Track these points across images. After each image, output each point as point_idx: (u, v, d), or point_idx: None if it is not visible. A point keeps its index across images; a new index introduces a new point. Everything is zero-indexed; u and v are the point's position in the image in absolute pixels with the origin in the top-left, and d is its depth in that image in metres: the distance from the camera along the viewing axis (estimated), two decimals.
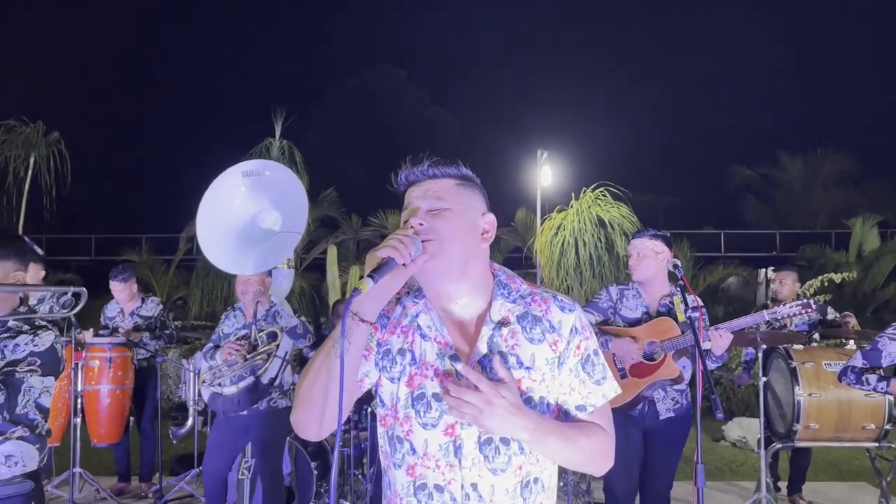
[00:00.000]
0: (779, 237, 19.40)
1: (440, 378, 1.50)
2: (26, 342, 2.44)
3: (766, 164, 22.19)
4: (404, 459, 1.53)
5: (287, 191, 4.38)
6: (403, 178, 1.59)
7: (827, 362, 4.71)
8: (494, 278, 1.59)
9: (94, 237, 19.97)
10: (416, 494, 1.51)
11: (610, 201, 8.47)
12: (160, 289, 12.42)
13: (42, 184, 10.39)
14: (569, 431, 1.49)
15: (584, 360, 1.55)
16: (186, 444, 6.29)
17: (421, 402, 1.51)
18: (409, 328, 1.57)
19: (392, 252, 1.41)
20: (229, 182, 4.30)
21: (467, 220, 1.54)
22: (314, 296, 10.29)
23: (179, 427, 5.70)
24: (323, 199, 11.70)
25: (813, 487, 5.80)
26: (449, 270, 1.50)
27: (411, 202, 1.56)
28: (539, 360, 1.51)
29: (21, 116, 10.19)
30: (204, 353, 4.36)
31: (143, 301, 5.81)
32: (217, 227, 4.28)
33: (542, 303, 1.56)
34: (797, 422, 4.63)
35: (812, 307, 3.62)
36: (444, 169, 1.58)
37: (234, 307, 4.47)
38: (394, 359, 1.56)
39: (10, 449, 2.37)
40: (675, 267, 3.27)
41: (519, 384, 1.48)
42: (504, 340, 1.51)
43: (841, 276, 9.92)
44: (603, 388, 1.56)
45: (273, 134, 9.83)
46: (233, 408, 4.09)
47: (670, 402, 3.64)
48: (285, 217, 4.39)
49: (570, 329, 1.53)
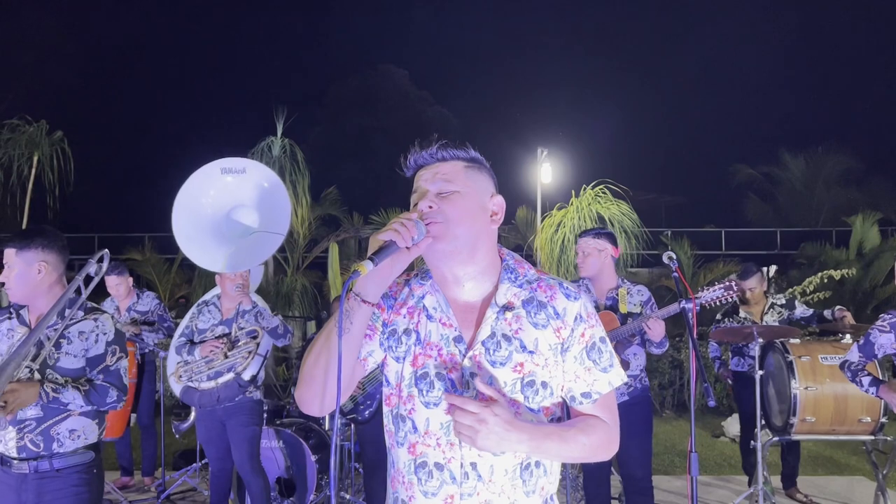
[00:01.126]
0: (780, 235, 19.40)
1: (443, 358, 1.53)
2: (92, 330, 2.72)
3: (769, 163, 22.20)
4: (406, 437, 1.55)
5: (266, 191, 4.36)
6: (412, 161, 1.61)
7: (823, 356, 4.74)
8: (502, 262, 1.61)
9: (97, 236, 20.01)
10: (417, 472, 1.53)
11: (610, 198, 8.50)
12: (163, 287, 12.46)
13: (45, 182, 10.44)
14: (567, 433, 1.51)
15: (590, 347, 1.57)
16: (189, 438, 6.34)
17: (424, 381, 1.54)
18: (415, 309, 1.60)
19: (394, 235, 1.42)
20: (205, 177, 4.30)
21: (476, 202, 1.56)
22: (316, 294, 10.32)
23: (182, 422, 5.75)
24: (325, 198, 11.71)
25: (811, 481, 5.84)
26: (457, 252, 1.52)
27: (420, 185, 1.58)
28: (542, 344, 1.53)
29: (24, 115, 10.24)
30: (177, 349, 4.36)
31: (138, 297, 5.81)
32: (192, 221, 4.27)
33: (548, 289, 1.58)
34: (794, 415, 4.66)
35: (734, 288, 3.65)
36: (452, 151, 1.59)
37: (206, 302, 4.44)
38: (399, 339, 1.59)
39: (73, 424, 2.65)
40: (670, 259, 3.31)
41: (521, 367, 1.51)
42: (508, 324, 1.53)
43: (840, 273, 9.93)
44: (609, 375, 1.59)
45: (275, 132, 9.87)
46: (211, 402, 4.15)
47: (623, 387, 3.73)
48: (265, 216, 4.38)
49: (575, 317, 1.56)
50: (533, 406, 1.52)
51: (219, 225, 4.29)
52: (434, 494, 1.51)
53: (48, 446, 2.61)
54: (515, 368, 1.51)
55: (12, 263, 2.71)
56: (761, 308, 5.42)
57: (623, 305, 3.78)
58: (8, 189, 10.34)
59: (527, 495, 1.52)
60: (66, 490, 2.60)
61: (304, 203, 9.88)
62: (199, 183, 4.27)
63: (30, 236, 2.73)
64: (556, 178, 11.66)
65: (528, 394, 1.52)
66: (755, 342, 4.63)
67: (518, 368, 1.51)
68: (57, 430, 2.62)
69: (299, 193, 9.65)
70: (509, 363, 1.51)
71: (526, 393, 1.52)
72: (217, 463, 4.37)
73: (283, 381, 8.57)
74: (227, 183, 4.28)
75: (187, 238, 4.24)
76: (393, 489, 1.61)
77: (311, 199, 10.32)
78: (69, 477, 2.62)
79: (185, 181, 4.32)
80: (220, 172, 4.28)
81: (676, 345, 9.22)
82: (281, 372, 9.29)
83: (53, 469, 2.60)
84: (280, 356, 9.49)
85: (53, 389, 2.59)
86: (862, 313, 10.37)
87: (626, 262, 8.60)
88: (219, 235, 4.27)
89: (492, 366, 1.51)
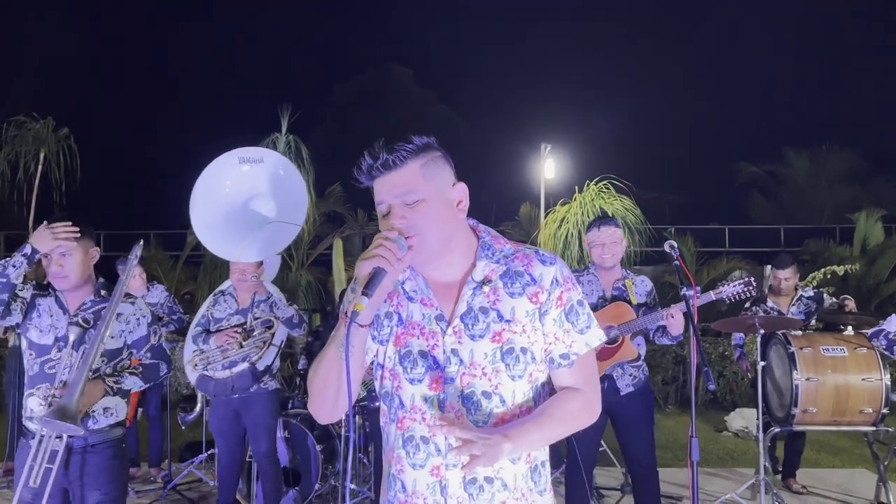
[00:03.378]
0: (783, 232, 19.36)
1: (426, 337, 1.59)
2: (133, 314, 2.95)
3: (772, 161, 22.17)
4: (395, 413, 1.62)
5: (285, 182, 4.37)
6: (365, 170, 1.57)
7: (825, 347, 4.77)
8: (479, 240, 1.65)
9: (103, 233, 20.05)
10: (405, 446, 1.59)
11: (613, 194, 8.54)
12: (168, 283, 12.47)
13: (52, 179, 10.50)
14: (542, 416, 1.56)
15: (568, 310, 1.61)
16: (195, 430, 6.39)
17: (408, 360, 1.59)
18: (394, 292, 1.64)
19: (381, 262, 1.46)
20: (224, 165, 4.31)
21: (441, 202, 1.56)
22: (321, 289, 10.38)
23: (188, 414, 5.80)
24: (329, 195, 11.75)
25: (812, 473, 5.87)
26: (433, 254, 1.57)
27: (383, 199, 1.56)
28: (519, 312, 1.57)
29: (31, 112, 10.31)
30: (193, 337, 4.38)
31: (148, 290, 5.87)
32: (210, 210, 4.27)
33: (524, 258, 1.62)
34: (795, 406, 4.68)
35: (752, 285, 3.88)
36: (402, 153, 1.53)
37: (222, 292, 4.46)
38: (381, 323, 1.64)
39: (109, 402, 2.82)
40: (672, 248, 3.35)
41: (500, 336, 1.56)
42: (486, 297, 1.58)
43: (844, 269, 9.94)
44: (586, 336, 1.63)
45: (280, 129, 9.91)
46: (225, 391, 4.18)
47: (629, 379, 3.83)
48: (282, 207, 4.39)
49: (552, 280, 1.60)
50: (515, 373, 1.57)
51: (236, 214, 4.30)
52: (421, 466, 1.57)
53: (85, 424, 2.73)
54: (494, 338, 1.56)
55: (71, 250, 2.79)
56: (789, 299, 5.46)
57: (633, 297, 3.85)
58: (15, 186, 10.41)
59: (513, 462, 1.57)
60: (104, 464, 2.79)
61: (309, 200, 9.88)
62: (216, 172, 4.28)
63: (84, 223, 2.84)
64: (559, 174, 11.69)
65: (509, 361, 1.56)
66: (757, 333, 4.66)
67: (496, 338, 1.56)
68: (94, 407, 2.77)
69: None
70: (487, 334, 1.56)
71: (507, 361, 1.56)
72: (227, 455, 4.38)
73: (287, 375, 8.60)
74: (245, 172, 4.29)
75: (205, 227, 4.26)
76: (387, 463, 1.67)
77: (316, 196, 10.37)
78: (103, 452, 2.80)
79: (204, 170, 4.32)
80: (238, 162, 4.30)
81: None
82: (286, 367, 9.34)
83: (89, 445, 2.77)
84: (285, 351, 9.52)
85: (115, 381, 2.79)
86: (865, 309, 10.35)
87: (629, 259, 8.63)
88: (236, 224, 4.29)
89: (471, 339, 1.56)
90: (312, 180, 9.93)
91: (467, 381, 1.55)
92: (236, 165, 4.27)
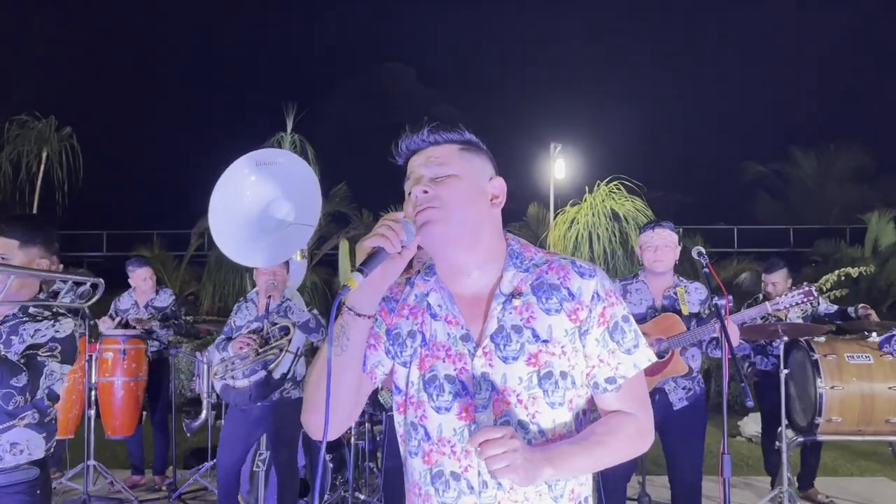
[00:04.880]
0: (792, 232, 19.24)
1: (452, 359, 1.44)
2: (47, 327, 2.40)
3: (779, 160, 22.04)
4: (420, 446, 1.46)
5: (300, 181, 4.31)
6: (404, 147, 1.51)
7: (849, 354, 4.62)
8: (507, 248, 1.50)
9: (106, 233, 20.01)
10: (434, 483, 1.44)
11: (625, 195, 8.39)
12: (172, 284, 12.41)
13: (54, 179, 10.41)
14: (589, 440, 1.41)
15: (612, 327, 1.45)
16: (200, 437, 6.28)
17: (433, 385, 1.44)
18: (417, 308, 1.50)
19: (381, 241, 1.32)
20: (241, 170, 4.25)
21: (474, 185, 1.45)
22: (326, 290, 10.27)
23: (193, 420, 5.69)
24: (334, 195, 11.66)
25: (832, 482, 5.74)
26: (458, 238, 1.41)
27: (413, 170, 1.47)
28: (557, 331, 1.41)
29: (33, 111, 10.22)
30: (217, 345, 4.32)
31: (157, 293, 5.84)
32: (229, 217, 4.21)
33: (559, 269, 1.46)
34: (819, 415, 4.54)
35: (814, 294, 3.59)
36: (445, 134, 1.48)
37: (245, 298, 4.42)
38: (403, 342, 1.50)
39: (16, 436, 2.32)
40: (700, 254, 3.21)
41: (535, 359, 1.40)
42: (518, 313, 1.42)
43: (858, 271, 9.80)
44: (634, 357, 1.46)
45: (285, 129, 9.81)
46: (245, 401, 4.08)
47: (682, 392, 3.60)
48: (298, 208, 4.32)
49: (592, 295, 1.43)
50: (554, 400, 1.41)
51: (253, 219, 4.23)
52: None
53: None
54: (529, 361, 1.40)
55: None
56: None
57: (684, 306, 3.58)
58: (17, 185, 10.33)
59: (555, 500, 1.42)
60: None
61: None
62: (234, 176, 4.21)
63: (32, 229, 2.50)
64: (569, 174, 11.55)
65: (547, 387, 1.40)
66: (780, 340, 4.52)
67: (532, 361, 1.40)
68: None
69: None
70: (522, 356, 1.40)
71: (545, 386, 1.40)
72: (229, 468, 4.22)
73: None
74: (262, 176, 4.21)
75: (223, 234, 4.18)
76: (411, 501, 1.52)
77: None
78: (9, 497, 2.30)
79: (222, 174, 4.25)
80: (254, 165, 4.21)
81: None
82: None
83: None
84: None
85: None
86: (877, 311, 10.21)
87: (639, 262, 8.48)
88: (253, 229, 4.21)
89: (503, 362, 1.40)
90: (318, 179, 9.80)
91: (501, 409, 1.39)
92: (252, 171, 4.19)
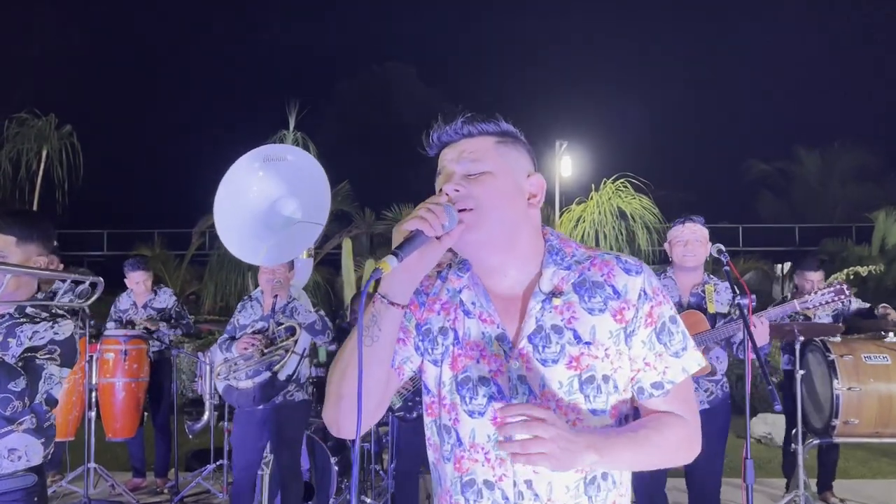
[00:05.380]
0: (798, 231, 19.16)
1: (487, 360, 1.34)
2: (45, 329, 2.29)
3: (783, 159, 21.94)
4: (452, 452, 1.36)
5: (309, 178, 4.21)
6: (435, 138, 1.40)
7: (866, 355, 4.52)
8: (546, 244, 1.39)
9: (107, 232, 19.91)
10: (464, 492, 1.34)
11: (631, 193, 8.29)
12: (173, 283, 12.33)
13: (54, 177, 10.32)
14: (637, 435, 1.31)
15: (660, 328, 1.35)
16: (202, 439, 6.17)
17: (466, 387, 1.34)
18: (450, 304, 1.40)
19: (420, 224, 1.22)
20: (248, 166, 4.15)
21: (510, 182, 1.35)
22: (329, 290, 10.17)
23: (195, 422, 5.58)
24: (336, 193, 11.54)
25: (845, 485, 5.63)
26: (492, 242, 1.32)
27: (445, 165, 1.37)
28: (601, 332, 1.31)
29: (33, 109, 10.11)
30: (220, 345, 4.21)
31: (155, 293, 5.74)
32: (234, 213, 4.12)
33: (603, 266, 1.36)
34: (835, 417, 4.44)
35: (846, 293, 3.47)
36: (480, 126, 1.38)
37: (250, 297, 4.30)
38: (435, 339, 1.40)
39: (15, 442, 2.23)
40: (720, 252, 3.11)
41: (577, 362, 1.30)
42: (558, 313, 1.32)
43: (868, 269, 9.70)
44: (683, 360, 1.36)
45: (287, 127, 9.71)
46: (248, 402, 3.99)
47: (704, 394, 3.49)
48: (305, 206, 4.23)
49: (639, 294, 1.33)
50: (597, 406, 1.31)
51: (259, 215, 4.13)
52: None
53: None
54: (570, 364, 1.30)
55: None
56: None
57: (711, 304, 3.46)
58: (17, 184, 10.23)
59: None
60: None
61: None
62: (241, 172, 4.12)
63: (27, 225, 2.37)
64: (574, 173, 11.45)
65: (589, 392, 1.30)
66: (797, 340, 4.41)
67: (573, 364, 1.30)
68: None
69: None
70: (562, 359, 1.30)
71: (586, 392, 1.30)
72: (245, 470, 4.12)
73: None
74: (270, 172, 4.12)
75: (228, 229, 4.09)
76: None
77: None
78: None
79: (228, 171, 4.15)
80: (263, 160, 4.12)
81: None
82: None
83: None
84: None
85: None
86: None
87: (647, 259, 8.40)
88: (259, 227, 4.11)
89: (542, 364, 1.30)
90: None
91: None
92: (261, 166, 4.09)
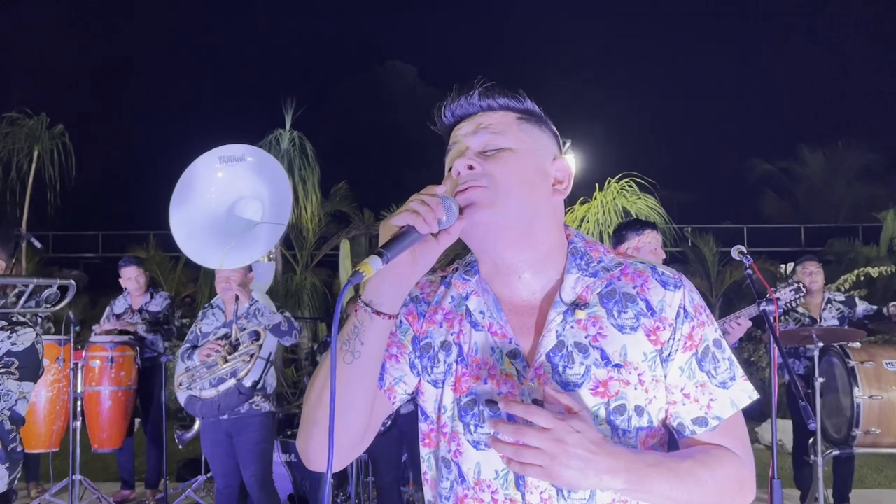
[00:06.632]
0: (803, 231, 18.96)
1: (496, 381, 1.11)
2: (2, 340, 2.09)
3: (786, 158, 21.74)
4: (452, 490, 1.14)
5: (269, 178, 4.07)
6: (449, 113, 1.21)
7: (888, 361, 4.33)
8: (569, 245, 1.18)
9: (101, 233, 19.67)
10: None
11: (637, 192, 8.04)
12: (168, 286, 12.08)
13: (46, 178, 10.10)
14: (681, 465, 1.06)
15: (702, 354, 1.13)
16: (193, 448, 5.96)
17: (471, 413, 1.12)
18: (454, 314, 1.19)
19: (412, 218, 1.01)
20: (204, 168, 3.98)
21: (533, 163, 1.14)
22: (326, 292, 9.95)
23: (185, 431, 5.37)
24: (335, 193, 11.34)
25: (863, 495, 5.44)
26: (509, 229, 1.10)
27: (458, 140, 1.17)
28: (633, 353, 1.10)
29: (24, 108, 9.90)
30: (181, 354, 4.02)
31: (151, 297, 5.59)
32: (192, 218, 3.96)
33: (636, 276, 1.15)
34: (856, 427, 4.24)
35: (802, 291, 3.72)
36: (501, 99, 1.18)
37: (211, 304, 4.11)
38: (436, 356, 1.18)
39: None
40: (742, 254, 2.90)
41: (605, 387, 1.08)
42: (582, 328, 1.11)
43: (878, 271, 9.48)
44: (731, 392, 1.13)
45: (283, 125, 9.49)
46: (213, 412, 3.79)
47: None
48: (266, 207, 4.07)
49: (677, 311, 1.12)
50: (626, 441, 1.09)
51: (218, 218, 3.96)
52: None
53: None
54: (596, 390, 1.09)
55: None
56: (818, 302, 5.00)
57: None
58: (7, 185, 10.01)
59: None
60: None
61: (314, 199, 9.47)
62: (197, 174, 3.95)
63: None
64: (578, 172, 11.25)
65: (619, 424, 1.09)
66: (815, 345, 4.20)
67: (600, 390, 1.08)
68: None
69: (309, 189, 9.26)
70: (587, 383, 1.09)
71: (615, 422, 1.09)
72: (223, 479, 4.01)
73: (292, 387, 8.16)
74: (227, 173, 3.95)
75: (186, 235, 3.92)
76: None
77: (321, 195, 9.93)
78: None
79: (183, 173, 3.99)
80: (218, 162, 3.93)
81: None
82: (290, 374, 8.91)
83: None
84: (288, 357, 9.12)
85: None
86: None
87: None
88: (217, 230, 3.94)
89: (563, 388, 1.09)
90: (318, 178, 9.50)
91: None
92: (217, 168, 3.92)
